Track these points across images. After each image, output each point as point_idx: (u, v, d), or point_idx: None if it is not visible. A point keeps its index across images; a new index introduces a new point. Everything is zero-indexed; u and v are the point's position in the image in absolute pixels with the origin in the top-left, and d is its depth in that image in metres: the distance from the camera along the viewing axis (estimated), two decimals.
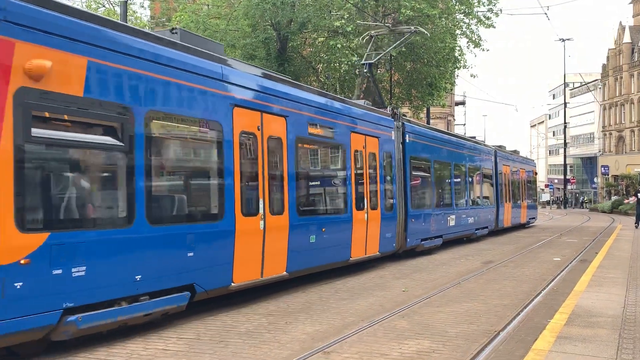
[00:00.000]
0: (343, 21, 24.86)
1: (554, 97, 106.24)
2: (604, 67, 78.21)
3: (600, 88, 79.75)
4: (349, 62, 25.30)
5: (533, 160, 39.41)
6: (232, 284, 9.34)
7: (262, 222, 9.89)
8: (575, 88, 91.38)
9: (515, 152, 32.37)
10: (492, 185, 25.59)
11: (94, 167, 7.21)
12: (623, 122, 73.07)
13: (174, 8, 33.03)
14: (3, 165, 5.99)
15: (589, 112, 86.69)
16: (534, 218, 34.12)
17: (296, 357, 6.84)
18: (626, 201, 51.62)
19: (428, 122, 35.91)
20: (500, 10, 28.17)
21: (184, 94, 8.38)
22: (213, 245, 8.81)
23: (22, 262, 6.06)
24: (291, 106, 10.98)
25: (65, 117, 6.77)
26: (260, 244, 9.87)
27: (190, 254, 8.34)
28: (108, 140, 7.25)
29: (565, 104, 74.22)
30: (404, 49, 24.78)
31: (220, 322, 8.67)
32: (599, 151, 78.94)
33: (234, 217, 9.19)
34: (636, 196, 29.23)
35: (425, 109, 33.25)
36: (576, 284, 11.57)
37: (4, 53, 6.06)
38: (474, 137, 27.33)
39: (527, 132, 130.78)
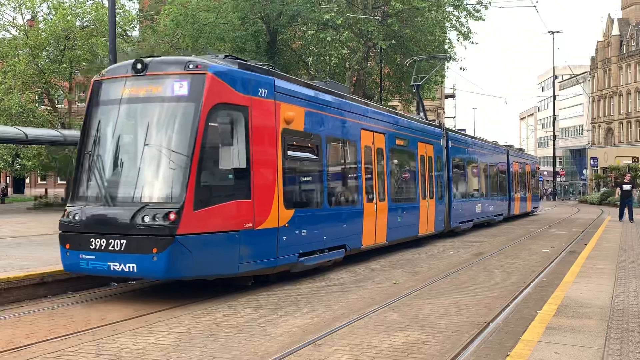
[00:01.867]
0: (333, 14, 24.81)
1: (543, 90, 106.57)
2: (593, 59, 78.52)
3: (589, 80, 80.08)
4: (339, 55, 25.27)
5: (536, 157, 46.34)
6: (362, 246, 14.03)
7: (375, 207, 14.62)
8: (565, 80, 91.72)
9: (521, 150, 38.46)
10: (505, 179, 30.22)
11: (306, 171, 12.02)
12: (612, 114, 73.46)
13: (163, 1, 32.85)
14: (278, 173, 10.69)
15: (578, 105, 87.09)
16: (537, 207, 39.09)
17: (287, 350, 6.85)
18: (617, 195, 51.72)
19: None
20: (490, 2, 28.17)
21: (341, 124, 13.45)
22: (353, 220, 13.66)
23: (286, 225, 10.82)
24: (387, 126, 16.00)
25: (295, 143, 11.52)
26: (374, 221, 14.54)
27: (344, 226, 13.20)
28: (312, 155, 12.16)
29: (554, 96, 74.53)
30: (393, 42, 24.75)
31: (211, 316, 8.66)
32: (588, 143, 79.36)
33: (362, 203, 14.04)
34: (620, 187, 28.10)
35: (415, 101, 33.28)
36: (565, 275, 11.63)
37: (274, 109, 10.78)
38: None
39: (516, 125, 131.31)
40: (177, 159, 9.33)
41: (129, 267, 9.07)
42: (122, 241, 9.07)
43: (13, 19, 40.84)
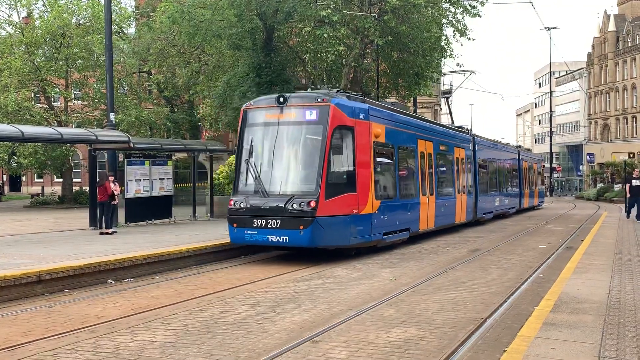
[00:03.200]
0: (329, 11, 24.71)
1: (539, 86, 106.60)
2: (589, 55, 78.54)
3: (585, 76, 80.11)
4: (336, 52, 25.17)
5: (541, 156, 51.95)
6: (419, 230, 18.00)
7: (427, 199, 18.73)
8: (561, 76, 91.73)
9: (529, 150, 44.05)
10: (517, 176, 34.24)
11: (386, 172, 15.93)
12: (608, 110, 73.53)
13: None
14: (371, 173, 14.64)
15: (574, 101, 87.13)
16: (542, 201, 43.06)
17: (284, 347, 6.85)
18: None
19: (415, 112, 35.94)
20: None
21: (406, 136, 17.58)
22: (414, 209, 17.68)
23: (376, 211, 14.65)
24: (434, 135, 20.19)
25: (380, 151, 15.43)
26: (427, 211, 18.61)
27: (409, 213, 17.22)
28: (389, 159, 16.17)
29: (551, 92, 74.55)
30: (390, 39, 24.72)
31: (208, 313, 8.66)
32: (585, 139, 79.44)
33: (419, 196, 18.16)
34: (630, 183, 25.99)
35: (412, 98, 33.21)
36: (562, 271, 11.66)
37: (369, 127, 14.80)
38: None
39: (513, 121, 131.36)
40: (313, 164, 13.81)
41: (283, 238, 13.46)
42: (277, 221, 13.45)
43: (9, 17, 40.59)
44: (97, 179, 18.86)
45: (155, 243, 14.78)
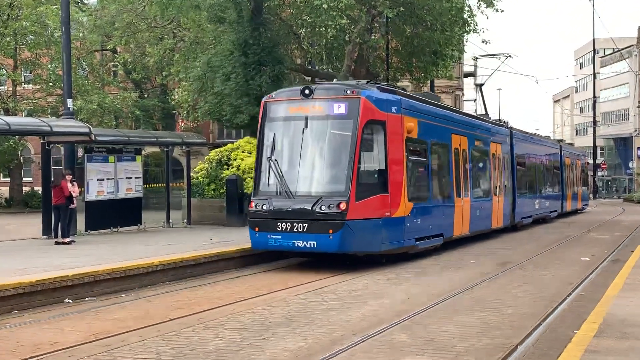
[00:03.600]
0: None
1: (581, 67, 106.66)
2: None
3: (636, 55, 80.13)
4: (337, 26, 25.17)
5: (585, 151, 53.15)
6: (453, 235, 18.97)
7: (462, 201, 19.64)
8: (607, 56, 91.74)
9: (571, 144, 44.80)
10: (559, 175, 35.16)
11: (418, 170, 17.11)
12: None
13: None
14: (404, 172, 15.58)
15: (622, 84, 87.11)
16: (586, 204, 44.44)
17: None
18: None
19: None
20: None
21: (439, 130, 18.65)
22: (448, 213, 18.67)
23: (408, 215, 15.52)
24: (468, 129, 21.24)
25: (412, 148, 16.48)
26: (461, 214, 19.51)
27: (442, 217, 18.25)
28: (422, 157, 17.24)
29: (594, 74, 74.59)
30: (402, 10, 24.71)
31: (184, 338, 8.66)
32: (635, 130, 79.44)
33: (453, 198, 19.11)
34: None
35: (428, 81, 33.21)
36: (608, 289, 11.66)
37: (401, 121, 15.72)
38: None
39: (549, 109, 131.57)
40: (342, 163, 14.75)
41: (310, 243, 14.42)
42: (304, 224, 14.38)
43: None
44: (52, 179, 18.84)
45: (122, 255, 14.77)
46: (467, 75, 64.36)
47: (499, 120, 27.68)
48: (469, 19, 28.98)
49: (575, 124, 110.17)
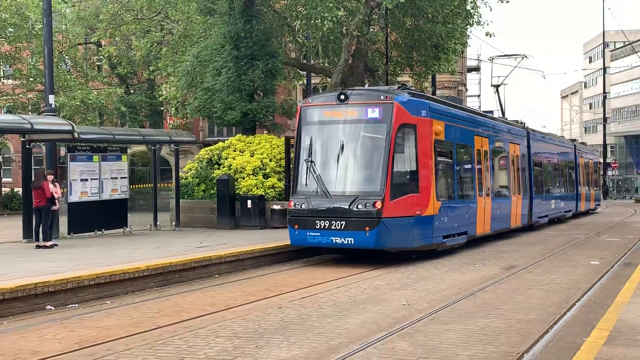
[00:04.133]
0: None
1: (590, 61, 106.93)
2: None
3: None
4: (334, 18, 25.19)
5: (597, 151, 55.01)
6: (476, 234, 20.62)
7: (484, 201, 21.25)
8: (617, 49, 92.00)
9: (584, 144, 47.06)
10: (573, 175, 36.84)
11: (445, 171, 18.62)
12: None
13: None
14: (432, 173, 17.22)
15: (634, 79, 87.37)
16: (599, 204, 46.07)
17: None
18: None
19: (434, 93, 36.00)
20: None
21: (463, 132, 20.33)
22: (472, 212, 20.31)
23: (437, 213, 17.29)
24: (489, 130, 23.07)
25: (440, 149, 18.01)
26: (483, 213, 21.12)
27: (466, 216, 19.87)
28: (448, 158, 18.98)
29: (604, 68, 74.71)
30: (402, 1, 24.73)
31: (173, 347, 8.66)
32: None
33: (476, 197, 20.73)
34: None
35: (430, 76, 33.24)
36: (619, 294, 11.70)
37: (430, 125, 17.46)
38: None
39: (557, 105, 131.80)
40: (377, 164, 16.54)
41: (348, 240, 16.17)
42: (342, 222, 16.14)
43: None
44: (33, 179, 18.82)
45: (107, 259, 14.77)
46: (470, 70, 64.48)
47: (517, 121, 29.09)
48: (472, 11, 29.03)
49: (584, 120, 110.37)
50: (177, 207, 23.83)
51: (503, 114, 32.41)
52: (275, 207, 23.58)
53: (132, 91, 41.66)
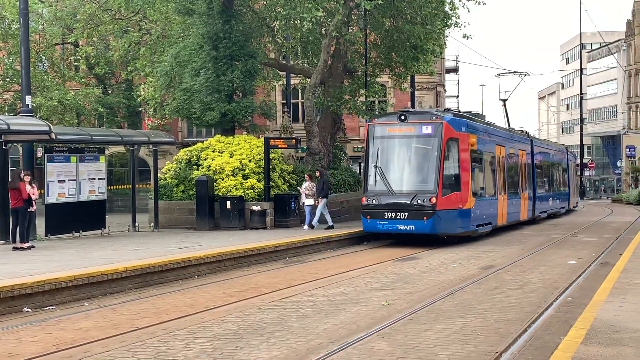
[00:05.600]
0: None
1: (567, 62, 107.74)
2: (629, 23, 79.51)
3: (624, 50, 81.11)
4: (313, 19, 25.19)
5: (574, 152, 61.05)
6: (497, 224, 25.04)
7: (502, 197, 25.79)
8: (594, 50, 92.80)
9: (568, 148, 50.21)
10: (566, 177, 42.33)
11: (477, 174, 23.51)
12: None
13: None
14: (469, 175, 22.29)
15: (610, 80, 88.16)
16: (578, 202, 51.23)
17: None
18: None
19: (412, 94, 36.15)
20: None
21: (489, 143, 25.18)
22: (494, 206, 24.89)
23: (472, 207, 22.38)
24: (505, 140, 27.80)
25: (473, 157, 22.92)
26: (502, 208, 25.59)
27: (490, 210, 24.57)
28: (479, 163, 23.95)
29: (581, 70, 75.25)
30: (380, 2, 24.80)
31: (152, 349, 8.63)
32: (624, 128, 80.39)
33: (497, 195, 25.22)
34: None
35: (408, 77, 33.35)
36: (595, 293, 11.78)
37: (467, 138, 22.38)
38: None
39: (534, 105, 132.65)
40: (430, 169, 21.25)
41: (409, 227, 20.87)
42: (405, 214, 20.83)
43: None
44: (9, 180, 18.65)
45: (85, 261, 14.68)
46: (449, 71, 64.76)
47: (522, 130, 35.35)
48: (450, 12, 29.15)
49: (561, 121, 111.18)
50: (156, 208, 23.73)
51: (508, 124, 37.62)
52: (255, 208, 23.57)
53: (110, 92, 41.40)
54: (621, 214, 41.55)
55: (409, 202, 20.91)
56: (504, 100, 40.20)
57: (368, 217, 21.50)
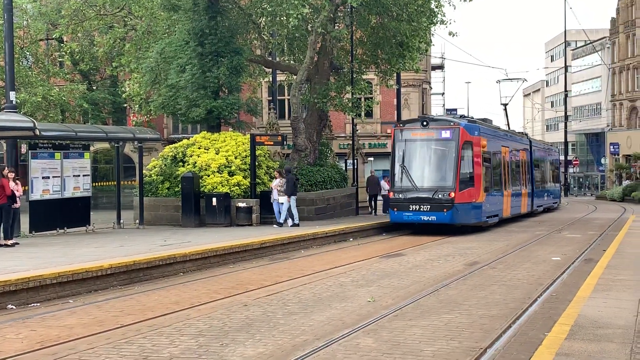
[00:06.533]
0: None
1: (552, 59, 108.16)
2: (614, 21, 79.92)
3: (608, 48, 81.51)
4: (299, 16, 25.16)
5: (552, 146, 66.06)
6: (503, 216, 28.53)
7: (507, 193, 29.42)
8: (579, 48, 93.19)
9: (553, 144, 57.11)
10: (558, 174, 46.90)
11: (486, 172, 26.39)
12: (637, 89, 74.87)
13: None
14: (481, 173, 25.52)
15: (595, 78, 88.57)
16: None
17: None
18: None
19: (398, 91, 36.20)
20: None
21: (496, 144, 28.35)
22: (501, 200, 28.43)
23: (483, 201, 25.79)
24: (509, 141, 31.62)
25: (484, 157, 26.06)
26: (507, 202, 29.16)
27: (497, 203, 27.90)
28: (488, 162, 26.93)
29: (565, 67, 75.59)
30: None
31: (137, 346, 8.61)
32: (608, 126, 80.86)
33: (503, 190, 28.81)
34: None
35: (394, 74, 33.38)
36: (579, 289, 11.86)
37: (479, 140, 25.61)
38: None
39: (519, 103, 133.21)
40: (449, 168, 24.18)
41: (431, 218, 23.76)
42: (427, 206, 23.77)
43: None
44: None
45: (69, 258, 14.62)
46: (435, 68, 64.89)
47: (522, 133, 40.31)
48: (436, 9, 29.19)
49: (546, 118, 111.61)
50: (141, 205, 23.65)
51: (509, 127, 42.07)
52: (241, 204, 23.54)
53: (94, 88, 41.21)
54: (605, 210, 41.80)
55: (431, 196, 23.96)
56: (505, 105, 45.91)
57: (395, 209, 24.65)
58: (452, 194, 23.68)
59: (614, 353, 7.68)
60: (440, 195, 23.77)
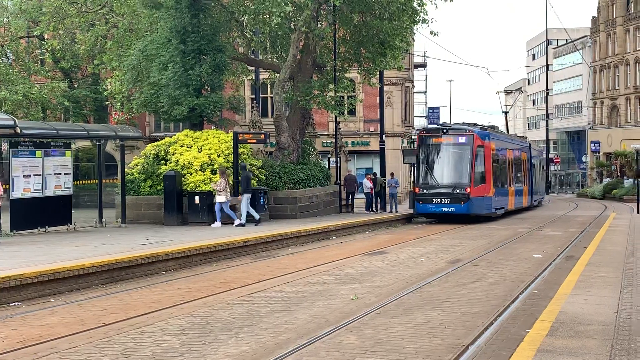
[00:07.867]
0: None
1: (533, 58, 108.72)
2: (594, 20, 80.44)
3: (589, 46, 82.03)
4: (282, 14, 25.13)
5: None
6: (508, 208, 34.48)
7: (511, 189, 35.40)
8: (560, 47, 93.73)
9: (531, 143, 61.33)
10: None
11: (494, 170, 31.76)
12: (617, 87, 75.37)
13: None
14: (491, 171, 31.06)
15: (576, 76, 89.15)
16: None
17: None
18: None
19: (381, 89, 36.24)
20: None
21: (502, 147, 34.40)
22: (506, 195, 34.44)
23: (493, 195, 31.43)
24: (513, 144, 38.54)
25: (492, 158, 31.57)
26: (511, 196, 35.48)
27: (504, 197, 33.93)
28: (496, 163, 32.50)
29: (547, 66, 76.00)
30: None
31: (119, 345, 8.57)
32: (588, 124, 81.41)
33: (508, 186, 34.89)
34: None
35: (377, 72, 33.41)
36: (560, 286, 11.94)
37: (490, 145, 31.44)
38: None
39: (502, 101, 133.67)
40: (465, 168, 29.75)
41: (451, 209, 29.45)
42: (447, 199, 29.48)
43: None
44: None
45: (51, 256, 14.53)
46: (417, 66, 64.99)
47: (522, 136, 48.44)
48: (418, 8, 29.24)
49: (527, 116, 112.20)
50: (123, 204, 23.53)
51: (507, 132, 49.65)
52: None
53: (76, 85, 40.96)
54: (586, 208, 42.14)
55: (450, 191, 29.08)
56: (506, 113, 59.11)
57: (420, 202, 29.84)
58: (468, 189, 28.67)
59: (594, 349, 7.74)
60: (458, 191, 28.84)
